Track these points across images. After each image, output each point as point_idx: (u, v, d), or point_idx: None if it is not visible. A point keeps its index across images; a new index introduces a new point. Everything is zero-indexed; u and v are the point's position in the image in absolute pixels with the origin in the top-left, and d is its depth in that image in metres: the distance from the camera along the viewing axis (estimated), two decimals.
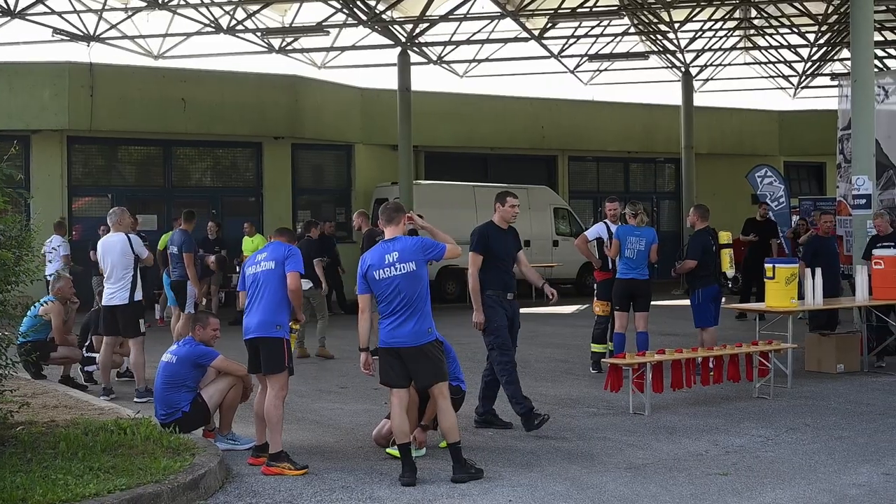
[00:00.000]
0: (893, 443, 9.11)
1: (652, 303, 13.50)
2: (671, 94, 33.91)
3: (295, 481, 7.96)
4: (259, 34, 26.37)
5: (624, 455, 8.76)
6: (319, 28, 25.15)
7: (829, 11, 27.09)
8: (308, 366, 14.51)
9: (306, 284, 16.14)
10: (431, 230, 8.73)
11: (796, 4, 27.26)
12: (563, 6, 25.57)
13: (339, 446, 9.30)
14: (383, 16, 26.01)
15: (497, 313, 9.79)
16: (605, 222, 13.75)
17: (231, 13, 24.99)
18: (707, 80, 35.47)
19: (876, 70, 21.44)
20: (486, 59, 30.49)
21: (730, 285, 13.56)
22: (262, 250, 8.93)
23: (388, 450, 8.76)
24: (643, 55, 30.26)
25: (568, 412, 10.81)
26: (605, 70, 33.66)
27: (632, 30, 29.47)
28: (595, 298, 13.76)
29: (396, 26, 26.95)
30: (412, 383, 8.20)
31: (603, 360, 12.36)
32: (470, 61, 30.94)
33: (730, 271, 13.12)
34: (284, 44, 27.61)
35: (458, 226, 25.39)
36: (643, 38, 30.79)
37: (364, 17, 25.24)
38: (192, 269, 14.63)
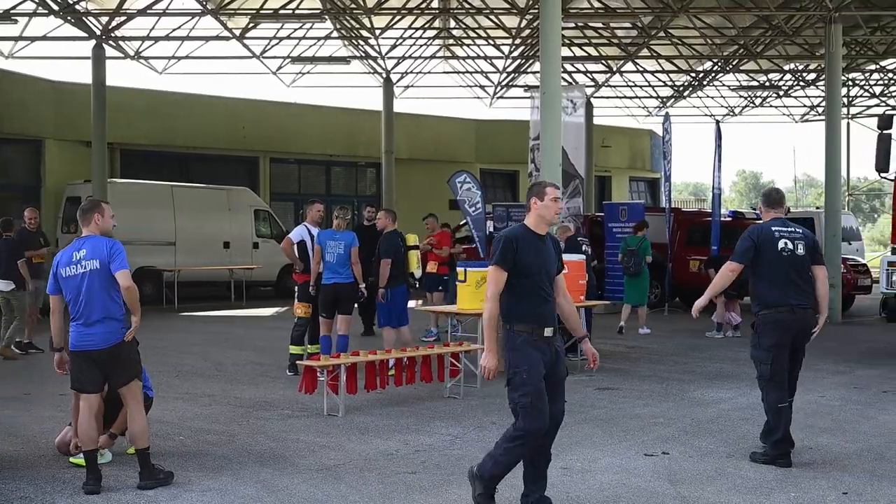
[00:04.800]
0: (571, 439, 9.57)
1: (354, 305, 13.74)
2: (373, 99, 34.45)
3: None
4: None
5: (316, 456, 8.80)
6: (7, 16, 23.90)
7: (523, 25, 28.22)
8: None
9: (8, 286, 15.32)
10: None
11: (492, 17, 28.25)
12: (265, 7, 25.45)
13: (21, 455, 8.84)
14: (77, 6, 25.01)
15: (526, 358, 6.71)
16: (305, 225, 13.76)
17: None
18: (408, 86, 36.24)
19: (565, 84, 22.56)
20: (187, 57, 29.92)
21: (416, 286, 14.01)
22: None
23: (71, 458, 8.42)
24: (345, 59, 30.58)
25: (262, 415, 10.74)
26: (308, 73, 33.79)
27: (335, 34, 29.68)
28: (296, 300, 13.76)
29: (91, 18, 25.96)
30: (104, 389, 7.93)
31: (298, 362, 12.39)
32: (169, 58, 30.27)
33: (416, 272, 13.57)
34: None
35: (155, 226, 25.03)
36: (346, 42, 31.09)
37: (56, 7, 24.18)
38: None
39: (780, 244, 8.70)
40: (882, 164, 14.51)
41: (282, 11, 25.73)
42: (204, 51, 29.77)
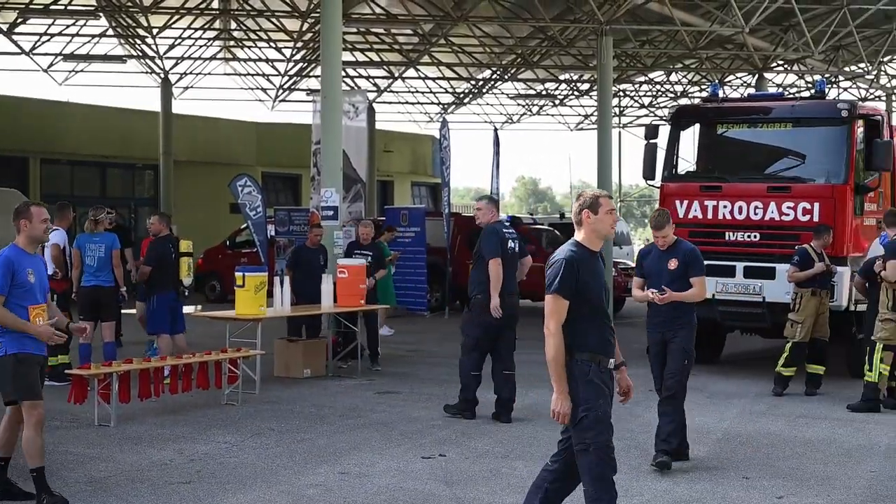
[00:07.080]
0: (350, 443, 9.59)
1: (125, 311, 13.35)
2: (151, 100, 33.62)
3: None
4: None
5: (86, 469, 8.49)
6: None
7: (304, 29, 28.14)
8: None
9: None
10: None
11: (273, 20, 28.02)
12: (35, 2, 24.48)
13: None
14: None
15: (594, 392, 5.92)
16: (59, 230, 13.20)
17: None
18: (187, 87, 35.51)
19: (347, 88, 22.57)
20: None
21: (186, 293, 13.70)
22: None
23: None
24: (121, 59, 29.78)
25: None
26: (82, 71, 32.67)
27: (110, 32, 28.83)
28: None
29: None
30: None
31: (67, 371, 11.95)
32: None
33: (187, 279, 13.28)
34: None
35: None
36: (122, 41, 30.24)
37: None
38: None
39: (510, 244, 10.81)
40: (649, 172, 15.14)
41: (53, 7, 24.80)
42: None
